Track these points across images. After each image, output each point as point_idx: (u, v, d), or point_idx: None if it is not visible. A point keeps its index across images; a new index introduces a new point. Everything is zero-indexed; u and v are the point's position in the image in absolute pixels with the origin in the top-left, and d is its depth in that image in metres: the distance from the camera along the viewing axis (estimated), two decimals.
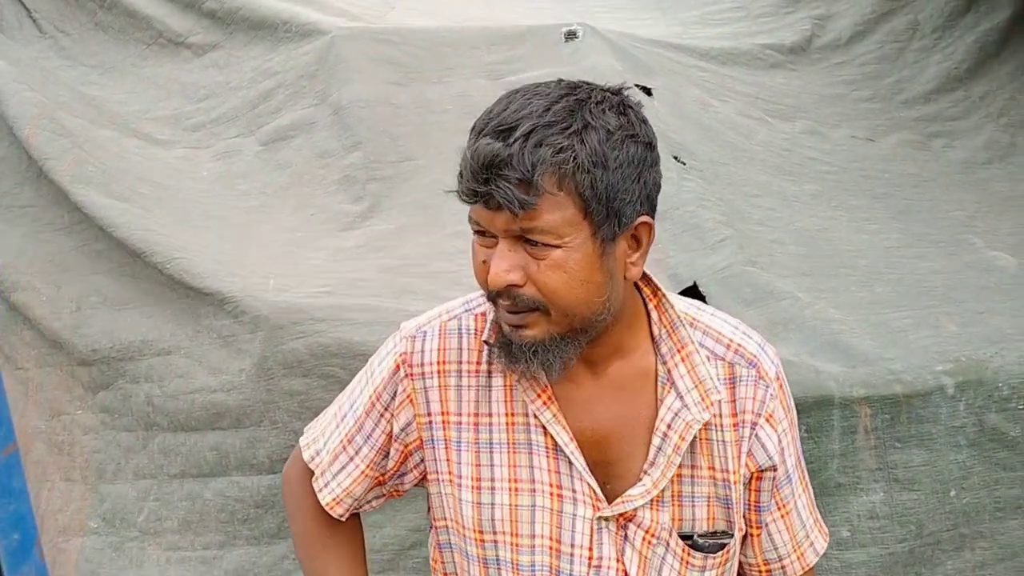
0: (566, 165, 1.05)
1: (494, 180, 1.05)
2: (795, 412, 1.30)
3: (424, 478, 1.31)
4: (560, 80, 1.13)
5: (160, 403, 2.18)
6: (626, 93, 1.14)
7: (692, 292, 2.25)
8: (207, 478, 2.14)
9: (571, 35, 3.09)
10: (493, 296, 1.13)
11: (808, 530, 1.32)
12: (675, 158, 2.65)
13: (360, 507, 1.37)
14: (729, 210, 2.55)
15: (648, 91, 2.96)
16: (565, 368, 1.16)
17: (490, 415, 1.24)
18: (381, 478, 1.33)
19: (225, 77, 3.13)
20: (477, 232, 1.12)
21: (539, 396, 1.21)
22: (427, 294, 2.23)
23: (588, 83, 1.13)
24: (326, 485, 1.34)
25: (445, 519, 1.29)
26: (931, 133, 3.42)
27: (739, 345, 1.24)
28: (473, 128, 1.11)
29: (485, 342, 1.23)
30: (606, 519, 1.23)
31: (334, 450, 1.33)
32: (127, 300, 2.30)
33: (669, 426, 1.21)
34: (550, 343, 1.12)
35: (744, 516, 1.27)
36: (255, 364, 2.09)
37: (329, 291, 2.23)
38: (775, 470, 1.25)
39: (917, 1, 3.87)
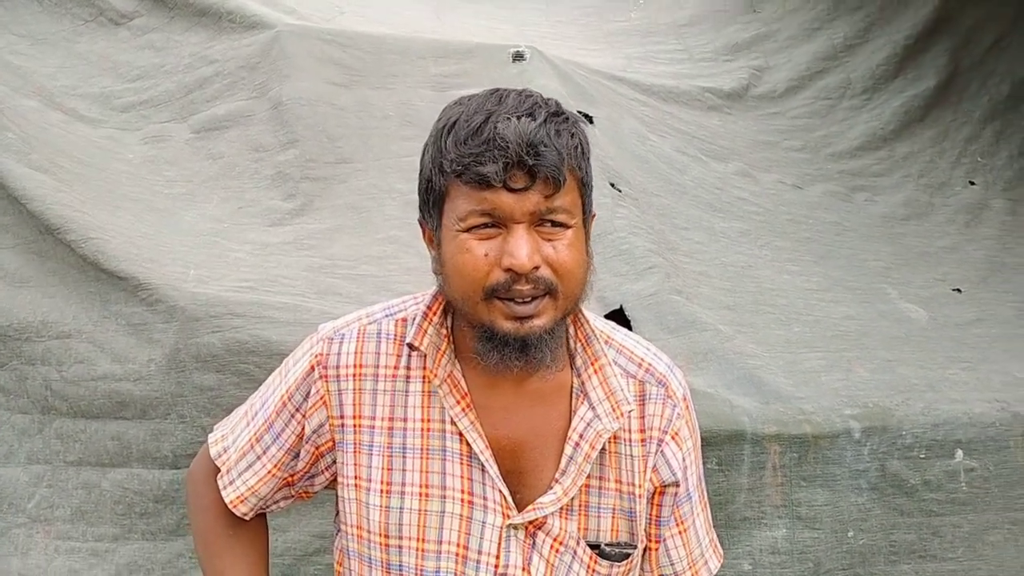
0: (577, 151, 1.12)
1: (540, 155, 1.06)
2: (699, 434, 1.34)
3: (335, 480, 1.30)
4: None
5: (59, 388, 2.08)
6: None
7: (618, 316, 2.27)
8: (106, 468, 2.05)
9: (519, 56, 3.11)
10: (503, 286, 1.10)
11: (704, 548, 1.35)
12: (611, 185, 2.68)
13: (266, 507, 1.35)
14: (659, 240, 2.59)
15: (590, 118, 2.99)
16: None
17: (405, 420, 1.23)
18: (290, 479, 1.32)
19: (161, 60, 3.03)
20: (479, 226, 1.11)
21: (458, 403, 1.22)
22: (352, 297, 2.20)
23: None
24: (231, 483, 1.32)
25: (349, 524, 1.27)
26: (855, 187, 3.54)
27: (650, 364, 1.28)
28: (461, 117, 1.10)
29: (409, 345, 1.23)
30: (515, 527, 1.23)
31: (242, 448, 1.32)
32: (28, 278, 2.19)
33: (581, 435, 1.23)
34: (552, 330, 1.14)
35: (645, 530, 1.30)
36: (166, 355, 2.02)
37: (251, 286, 2.17)
38: (677, 486, 1.28)
39: (850, 62, 4.02)
